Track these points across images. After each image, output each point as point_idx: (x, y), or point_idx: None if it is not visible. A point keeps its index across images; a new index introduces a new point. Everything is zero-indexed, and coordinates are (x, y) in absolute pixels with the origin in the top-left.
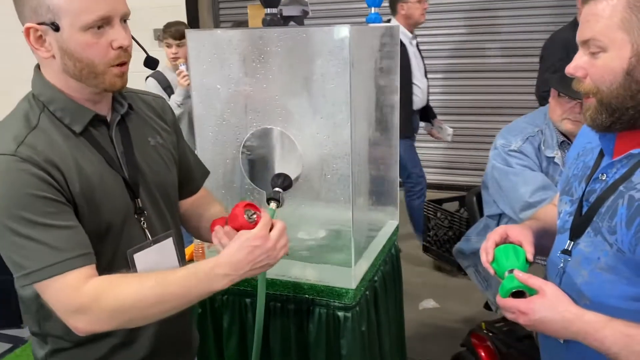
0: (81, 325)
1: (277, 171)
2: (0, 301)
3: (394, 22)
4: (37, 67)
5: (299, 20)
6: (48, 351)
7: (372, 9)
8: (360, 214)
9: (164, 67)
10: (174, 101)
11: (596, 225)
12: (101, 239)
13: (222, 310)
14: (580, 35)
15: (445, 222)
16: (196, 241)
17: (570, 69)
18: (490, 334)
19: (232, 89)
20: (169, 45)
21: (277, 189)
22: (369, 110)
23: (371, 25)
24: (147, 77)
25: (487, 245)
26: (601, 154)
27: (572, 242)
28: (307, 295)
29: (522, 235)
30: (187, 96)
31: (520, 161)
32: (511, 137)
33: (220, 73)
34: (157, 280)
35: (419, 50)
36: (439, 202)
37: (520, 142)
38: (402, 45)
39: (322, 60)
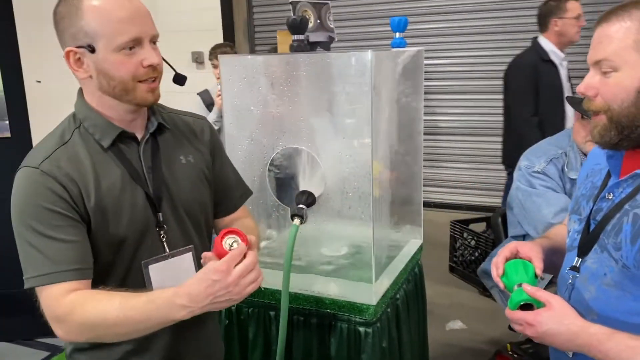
0: (59, 333)
1: (301, 189)
2: (37, 310)
3: (543, 40)
4: (80, 90)
5: (326, 45)
6: (71, 349)
7: (397, 34)
8: (381, 232)
9: (212, 87)
10: (209, 119)
11: (602, 243)
12: (118, 248)
13: (248, 322)
14: (592, 56)
15: (472, 242)
16: None
17: (581, 89)
18: (516, 356)
19: (261, 110)
20: (215, 66)
21: (300, 205)
22: (391, 132)
23: (394, 49)
24: (197, 94)
25: (497, 260)
26: (608, 175)
27: (580, 259)
28: (329, 310)
29: (532, 251)
30: (221, 115)
31: (543, 182)
32: (535, 158)
33: (249, 95)
34: (121, 303)
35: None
36: (466, 222)
37: (543, 164)
38: (554, 65)
39: (345, 83)
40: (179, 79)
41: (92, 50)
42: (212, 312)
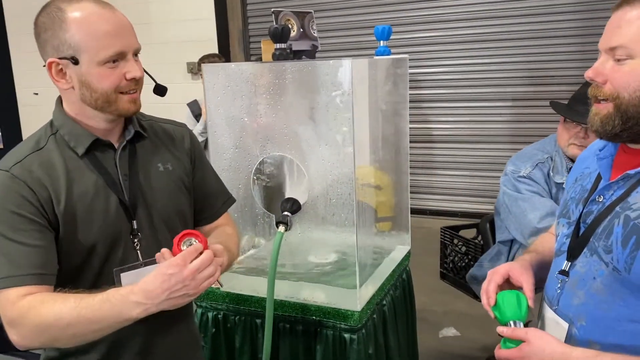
0: (14, 338)
1: (286, 196)
2: None
3: None
4: (59, 99)
5: (310, 54)
6: (44, 357)
7: (381, 42)
8: (365, 238)
9: (201, 98)
10: (196, 130)
11: (592, 246)
12: (88, 254)
13: (235, 330)
14: (606, 42)
15: (462, 249)
16: None
17: (590, 74)
18: None
19: (244, 118)
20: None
21: (285, 212)
22: (376, 139)
23: (377, 57)
24: (187, 104)
25: (488, 288)
26: (599, 178)
27: (570, 263)
28: (314, 317)
29: (524, 277)
30: None
31: (529, 187)
32: (521, 163)
33: (233, 103)
34: (76, 302)
35: None
36: (456, 229)
37: (529, 169)
38: None
39: (327, 91)
40: (160, 90)
41: (76, 62)
42: (187, 319)
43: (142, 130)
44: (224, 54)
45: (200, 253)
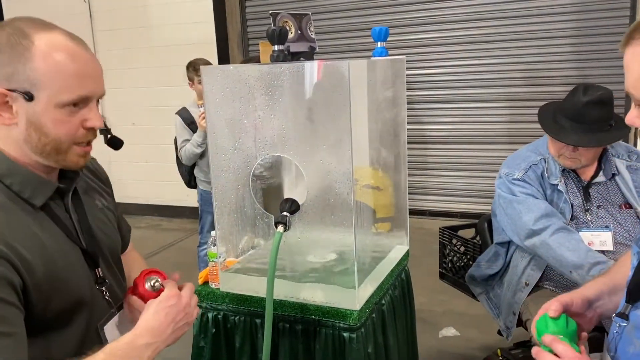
0: None
1: (284, 196)
2: None
3: None
4: None
5: (308, 55)
6: None
7: (378, 43)
8: (364, 238)
9: (190, 103)
10: (194, 141)
11: None
12: (73, 314)
13: (235, 330)
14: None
15: (461, 249)
16: (211, 263)
17: (628, 122)
18: None
19: (243, 119)
20: (200, 82)
21: (284, 213)
22: (374, 139)
23: (373, 58)
24: (175, 113)
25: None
26: None
27: (630, 305)
28: (313, 316)
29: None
30: (206, 137)
31: (523, 189)
32: (514, 165)
33: (232, 105)
34: None
35: None
36: (455, 229)
37: (523, 171)
38: None
39: (324, 92)
40: (114, 143)
41: (30, 98)
42: None
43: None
44: (223, 57)
45: None
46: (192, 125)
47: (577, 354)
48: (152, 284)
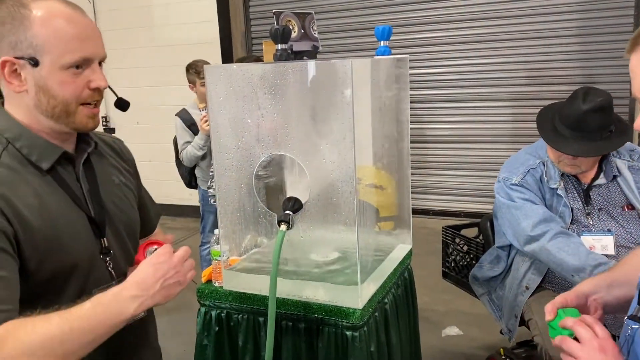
0: None
1: (287, 195)
2: None
3: None
4: (0, 104)
5: (311, 55)
6: None
7: (382, 42)
8: (367, 237)
9: (190, 104)
10: (196, 144)
11: None
12: (66, 277)
13: (237, 328)
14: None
15: (464, 248)
16: (214, 262)
17: (637, 129)
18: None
19: (246, 118)
20: (203, 85)
21: (287, 211)
22: (376, 138)
23: (377, 57)
24: (175, 115)
25: (547, 307)
26: None
27: None
28: (316, 315)
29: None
30: (207, 140)
31: (521, 195)
32: (513, 169)
33: (235, 104)
34: (62, 317)
35: None
36: (458, 228)
37: (521, 175)
38: None
39: (327, 91)
40: (122, 104)
41: (35, 64)
42: (149, 345)
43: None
44: (226, 56)
45: None
46: (192, 127)
47: (596, 338)
48: (151, 252)
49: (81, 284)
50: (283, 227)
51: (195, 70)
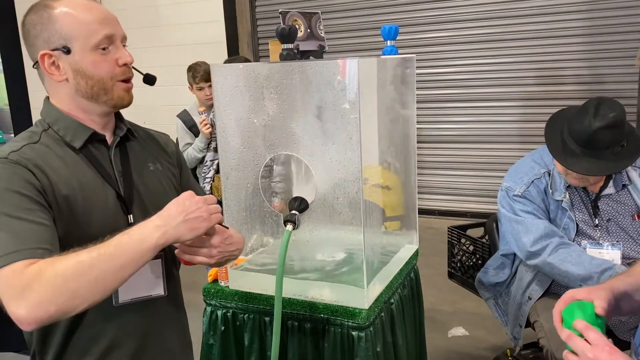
0: (21, 312)
1: (293, 195)
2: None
3: None
4: (46, 99)
5: (317, 54)
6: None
7: (388, 42)
8: (373, 237)
9: (190, 106)
10: (196, 146)
11: None
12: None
13: (244, 328)
14: None
15: (470, 248)
16: None
17: None
18: None
19: (252, 118)
20: (201, 89)
21: (293, 211)
22: (383, 138)
23: (383, 57)
24: (177, 116)
25: (554, 311)
26: None
27: None
28: (322, 315)
29: (592, 294)
30: (208, 143)
31: (523, 207)
32: (517, 179)
33: (241, 104)
34: (91, 249)
35: None
36: (464, 228)
37: (524, 186)
38: None
39: (333, 90)
40: (149, 79)
41: (68, 51)
42: (179, 324)
43: (132, 131)
44: (233, 56)
45: None
46: (193, 128)
47: (609, 344)
48: None
49: None
50: (289, 227)
51: (192, 74)
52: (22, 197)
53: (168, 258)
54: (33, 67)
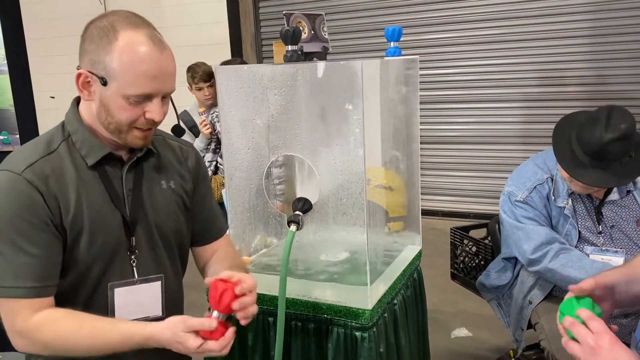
0: (19, 345)
1: (297, 195)
2: None
3: None
4: (76, 100)
5: (321, 56)
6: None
7: (391, 43)
8: (376, 238)
9: (191, 107)
10: (196, 146)
11: None
12: (88, 267)
13: (247, 328)
14: None
15: (473, 249)
16: None
17: None
18: None
19: (256, 119)
20: (200, 89)
21: (297, 212)
22: (387, 139)
23: (386, 58)
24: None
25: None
26: None
27: None
28: (326, 315)
29: (584, 282)
30: (208, 144)
31: (525, 213)
32: (520, 184)
33: (245, 105)
34: (92, 332)
35: None
36: (466, 229)
37: (527, 192)
38: None
39: (337, 92)
40: (177, 132)
41: (105, 83)
42: None
43: (152, 146)
44: (234, 57)
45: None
46: (193, 129)
47: (610, 333)
48: (216, 315)
49: (100, 275)
50: (293, 227)
51: (191, 74)
52: (28, 224)
53: (170, 276)
54: (78, 68)
